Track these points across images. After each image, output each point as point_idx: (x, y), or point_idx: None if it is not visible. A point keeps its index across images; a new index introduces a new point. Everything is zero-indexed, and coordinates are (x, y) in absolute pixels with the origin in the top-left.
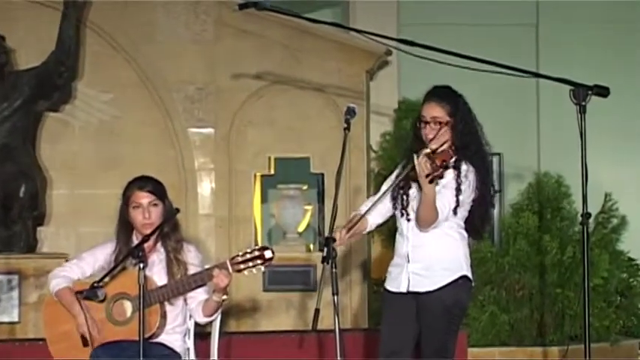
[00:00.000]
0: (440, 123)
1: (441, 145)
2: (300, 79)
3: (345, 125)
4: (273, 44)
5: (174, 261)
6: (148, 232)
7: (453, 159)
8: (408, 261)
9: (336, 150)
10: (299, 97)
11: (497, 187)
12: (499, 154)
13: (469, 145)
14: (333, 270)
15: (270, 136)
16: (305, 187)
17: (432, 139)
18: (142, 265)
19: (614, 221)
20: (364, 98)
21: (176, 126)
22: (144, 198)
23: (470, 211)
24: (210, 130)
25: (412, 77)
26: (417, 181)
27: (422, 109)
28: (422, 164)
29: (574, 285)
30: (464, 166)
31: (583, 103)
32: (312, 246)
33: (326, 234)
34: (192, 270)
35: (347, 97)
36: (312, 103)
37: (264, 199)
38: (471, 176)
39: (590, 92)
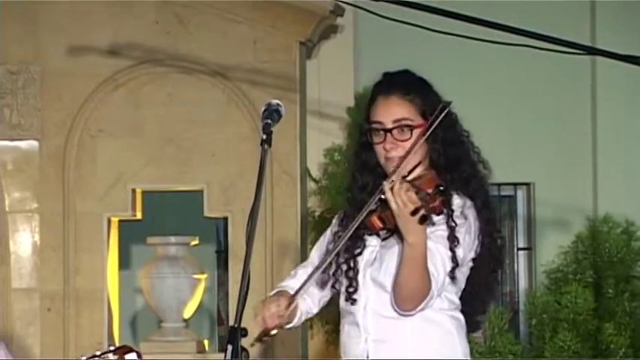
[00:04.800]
0: (410, 128)
1: (415, 167)
2: (187, 55)
3: (264, 135)
4: None
5: None
6: None
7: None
8: None
9: (249, 178)
10: (185, 86)
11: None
12: (527, 184)
13: (459, 163)
14: None
15: (135, 154)
16: (195, 242)
17: (402, 158)
18: None
19: None
20: (297, 89)
21: None
22: None
23: (468, 277)
24: (32, 144)
25: (378, 53)
26: (376, 234)
27: (373, 113)
28: (401, 195)
29: None
30: (457, 200)
31: None
32: (206, 342)
33: (231, 322)
34: None
35: (267, 87)
36: (207, 96)
37: (124, 263)
38: (471, 216)
39: None
